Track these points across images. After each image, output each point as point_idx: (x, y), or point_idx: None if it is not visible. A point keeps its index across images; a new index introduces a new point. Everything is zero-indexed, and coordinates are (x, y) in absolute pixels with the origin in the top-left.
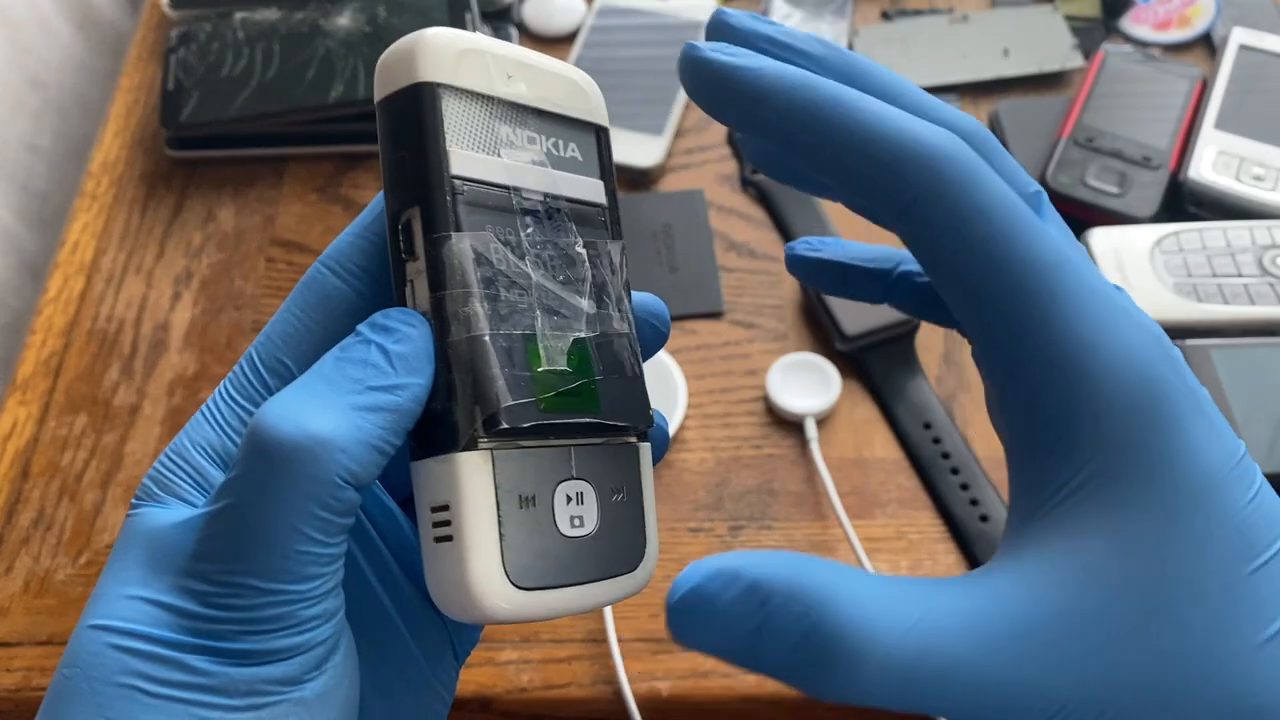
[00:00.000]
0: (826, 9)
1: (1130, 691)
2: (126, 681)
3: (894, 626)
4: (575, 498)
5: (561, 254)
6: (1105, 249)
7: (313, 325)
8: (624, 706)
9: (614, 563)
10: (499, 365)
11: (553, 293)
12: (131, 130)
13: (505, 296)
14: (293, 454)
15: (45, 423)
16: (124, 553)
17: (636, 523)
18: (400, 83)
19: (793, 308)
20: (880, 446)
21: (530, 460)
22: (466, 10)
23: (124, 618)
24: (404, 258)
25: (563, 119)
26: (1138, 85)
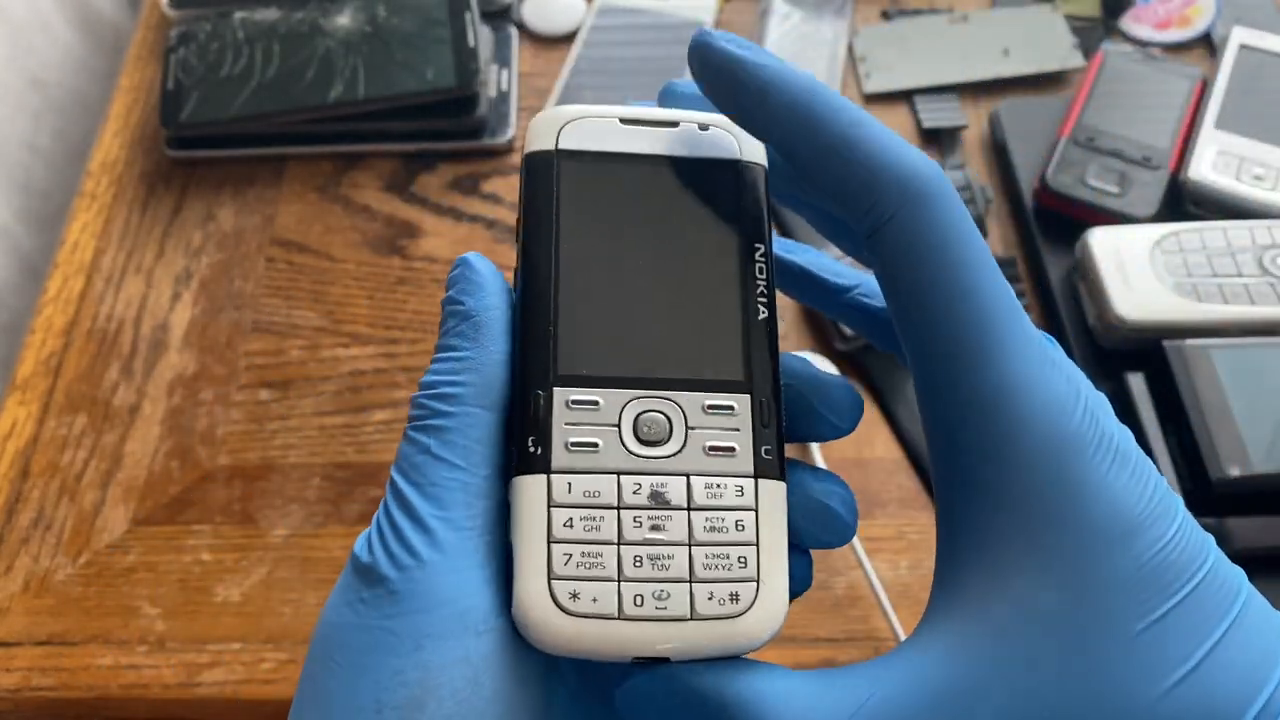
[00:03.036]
0: (826, 9)
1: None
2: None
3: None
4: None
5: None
6: (1105, 249)
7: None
8: None
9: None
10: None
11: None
12: (131, 130)
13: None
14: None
15: (45, 423)
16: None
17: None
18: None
19: (793, 308)
20: (880, 446)
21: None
22: (466, 10)
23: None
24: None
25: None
26: (1138, 85)
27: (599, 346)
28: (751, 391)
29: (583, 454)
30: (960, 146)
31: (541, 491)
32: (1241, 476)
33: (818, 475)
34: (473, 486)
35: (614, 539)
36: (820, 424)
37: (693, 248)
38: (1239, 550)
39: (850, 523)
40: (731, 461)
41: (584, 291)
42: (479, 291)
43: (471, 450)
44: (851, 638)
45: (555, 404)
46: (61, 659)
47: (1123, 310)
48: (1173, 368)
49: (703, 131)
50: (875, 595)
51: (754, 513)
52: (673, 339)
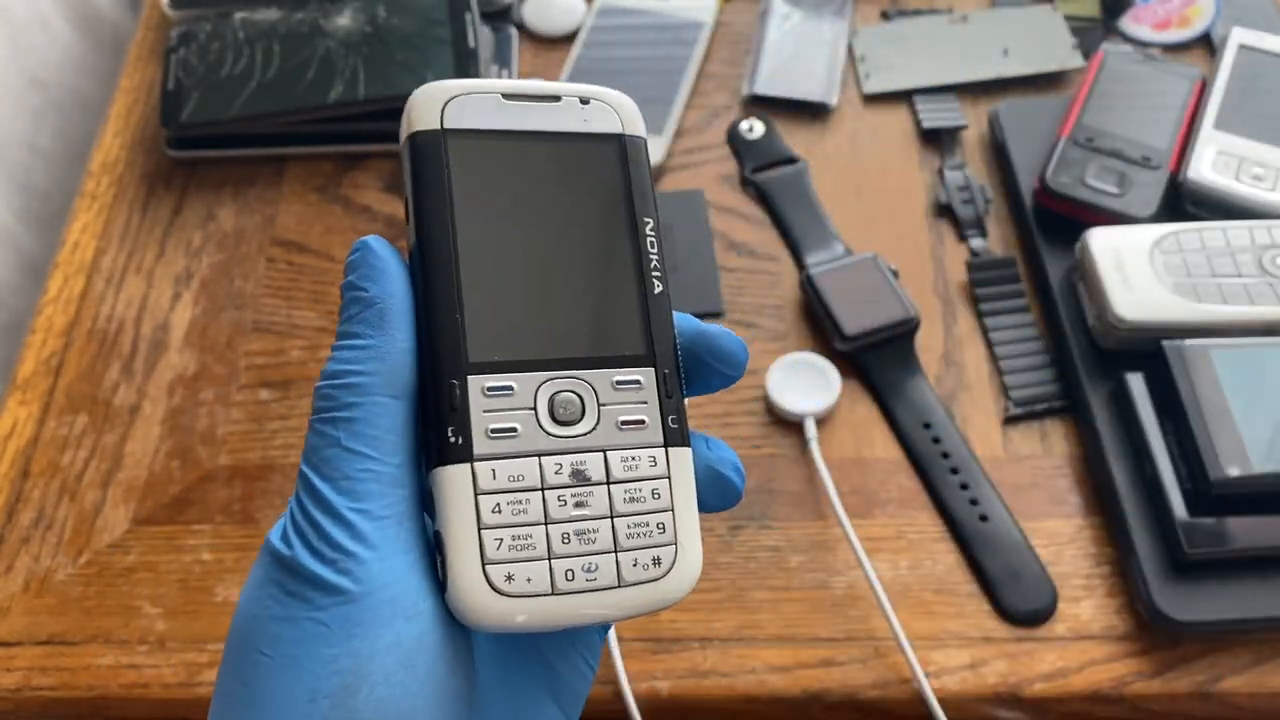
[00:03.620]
0: (826, 9)
1: None
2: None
3: None
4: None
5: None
6: (1104, 249)
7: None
8: (624, 706)
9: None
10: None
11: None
12: (131, 130)
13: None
14: None
15: (45, 422)
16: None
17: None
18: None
19: (792, 307)
20: (880, 446)
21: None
22: (466, 10)
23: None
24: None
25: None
26: (1137, 85)
27: (507, 331)
28: (655, 364)
29: (503, 439)
30: (960, 146)
31: (467, 480)
32: (1241, 476)
33: (709, 443)
34: (386, 476)
35: (541, 519)
36: (712, 375)
37: (585, 225)
38: (1239, 550)
39: (739, 488)
40: (642, 433)
41: (486, 276)
42: (381, 277)
43: (382, 440)
44: (851, 637)
45: (471, 392)
46: (62, 659)
47: (1122, 310)
48: (1172, 368)
49: (584, 105)
50: (875, 595)
51: (667, 480)
52: (576, 318)
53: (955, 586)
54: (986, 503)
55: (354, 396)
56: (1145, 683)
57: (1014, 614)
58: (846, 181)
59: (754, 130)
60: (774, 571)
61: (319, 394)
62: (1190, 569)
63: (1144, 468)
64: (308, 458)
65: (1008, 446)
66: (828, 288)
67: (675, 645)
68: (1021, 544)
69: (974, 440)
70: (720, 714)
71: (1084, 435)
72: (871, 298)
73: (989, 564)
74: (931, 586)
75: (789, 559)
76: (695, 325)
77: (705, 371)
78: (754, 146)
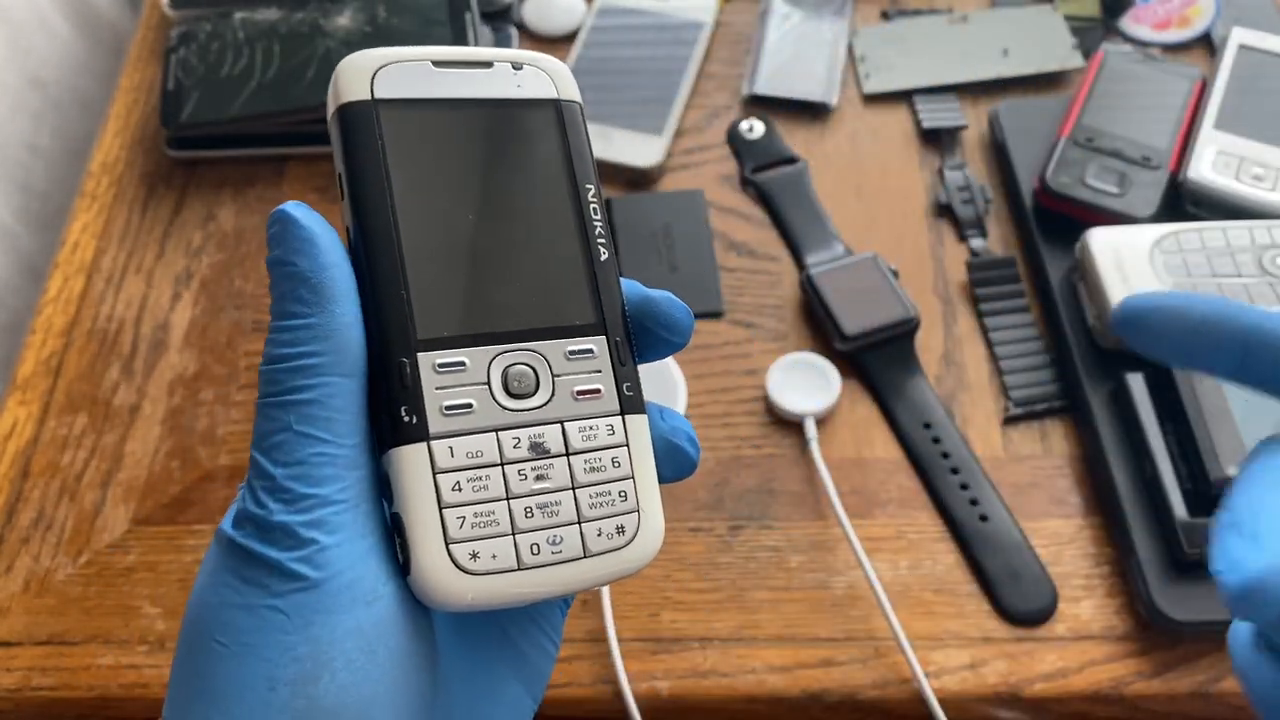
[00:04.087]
0: (826, 9)
1: None
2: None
3: None
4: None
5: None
6: (1104, 249)
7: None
8: (624, 706)
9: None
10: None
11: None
12: (131, 130)
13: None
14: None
15: (45, 423)
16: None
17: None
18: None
19: (792, 307)
20: (880, 446)
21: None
22: (466, 10)
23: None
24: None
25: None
26: (1137, 85)
27: (455, 305)
28: (606, 332)
29: (458, 416)
30: (960, 146)
31: (424, 459)
32: None
33: (664, 414)
34: (341, 459)
35: (503, 495)
36: (658, 343)
37: (526, 194)
38: None
39: (694, 458)
40: (599, 403)
41: (429, 249)
42: (311, 249)
43: (334, 421)
44: (851, 637)
45: (423, 369)
46: (61, 659)
47: None
48: (1172, 368)
49: (517, 71)
50: (875, 595)
51: (626, 448)
52: (524, 289)
53: (955, 586)
54: (986, 503)
55: (303, 379)
56: (1145, 683)
57: (1014, 614)
58: (846, 181)
59: (754, 130)
60: (774, 571)
61: (264, 376)
62: (1190, 569)
63: (1144, 468)
64: (258, 443)
65: (1008, 446)
66: (828, 288)
67: (675, 645)
68: (1021, 544)
69: (974, 440)
70: (720, 714)
71: (1084, 435)
72: (871, 298)
73: (989, 564)
74: (931, 586)
75: (789, 559)
76: (640, 291)
77: (650, 339)
78: (754, 146)
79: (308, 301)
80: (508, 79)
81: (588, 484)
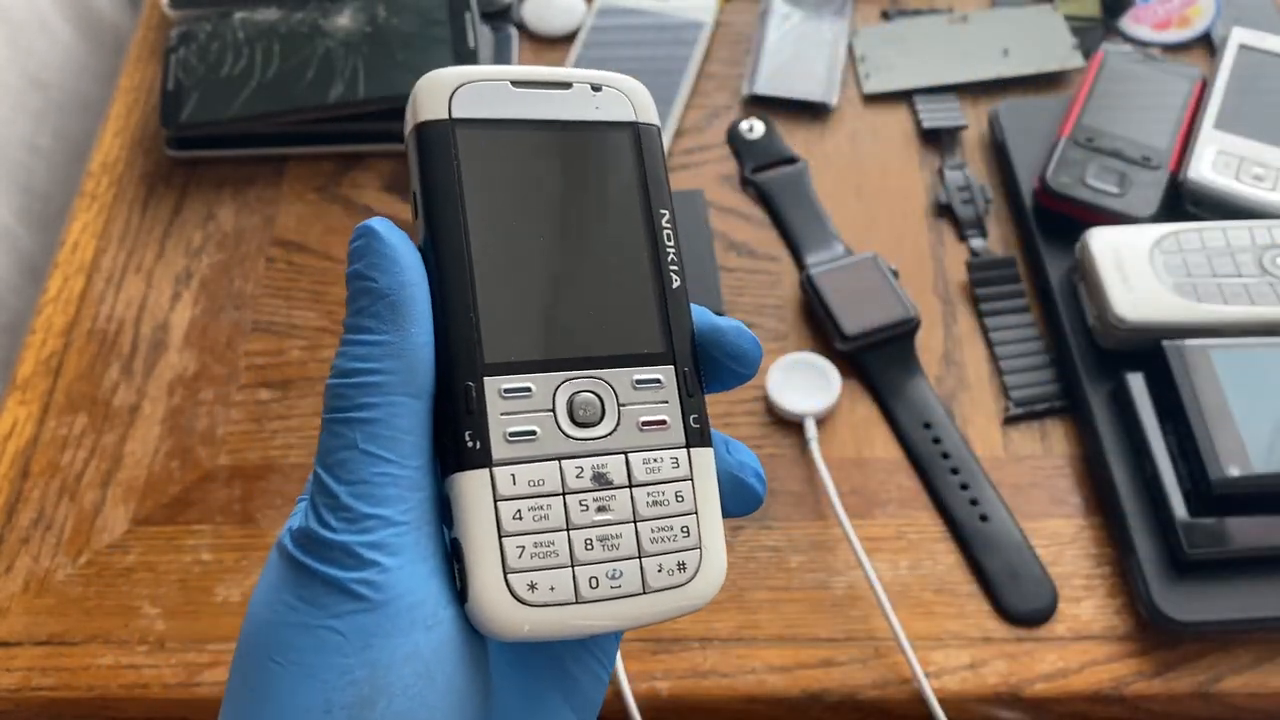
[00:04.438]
0: (826, 9)
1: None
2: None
3: None
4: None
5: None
6: (1104, 249)
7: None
8: (624, 706)
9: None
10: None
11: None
12: (131, 130)
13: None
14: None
15: (45, 423)
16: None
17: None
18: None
19: (793, 307)
20: (880, 446)
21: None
22: (466, 10)
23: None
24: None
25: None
26: (1137, 85)
27: (523, 330)
28: (675, 362)
29: (522, 443)
30: (960, 146)
31: (486, 486)
32: (1241, 476)
33: (730, 447)
34: (404, 480)
35: (563, 525)
36: (724, 374)
37: (600, 218)
38: (1239, 550)
39: (761, 494)
40: (664, 434)
41: (500, 272)
42: (392, 267)
43: (399, 441)
44: (851, 637)
45: (488, 394)
46: (61, 659)
47: (1122, 310)
48: (1172, 368)
49: (596, 92)
50: (875, 595)
51: (690, 482)
52: (593, 316)
53: (955, 586)
54: (987, 503)
55: (371, 396)
56: (1145, 683)
57: (1014, 614)
58: (846, 181)
59: (754, 130)
60: (774, 571)
61: (332, 391)
62: (1190, 569)
63: (1144, 468)
64: (322, 459)
65: (1008, 446)
66: (828, 288)
67: (675, 645)
68: (1022, 544)
69: (974, 440)
70: (720, 714)
71: (1084, 435)
72: (871, 298)
73: (989, 564)
74: (931, 586)
75: (789, 559)
76: (709, 320)
77: (717, 369)
78: (754, 146)
79: (384, 318)
80: (586, 100)
81: (650, 518)
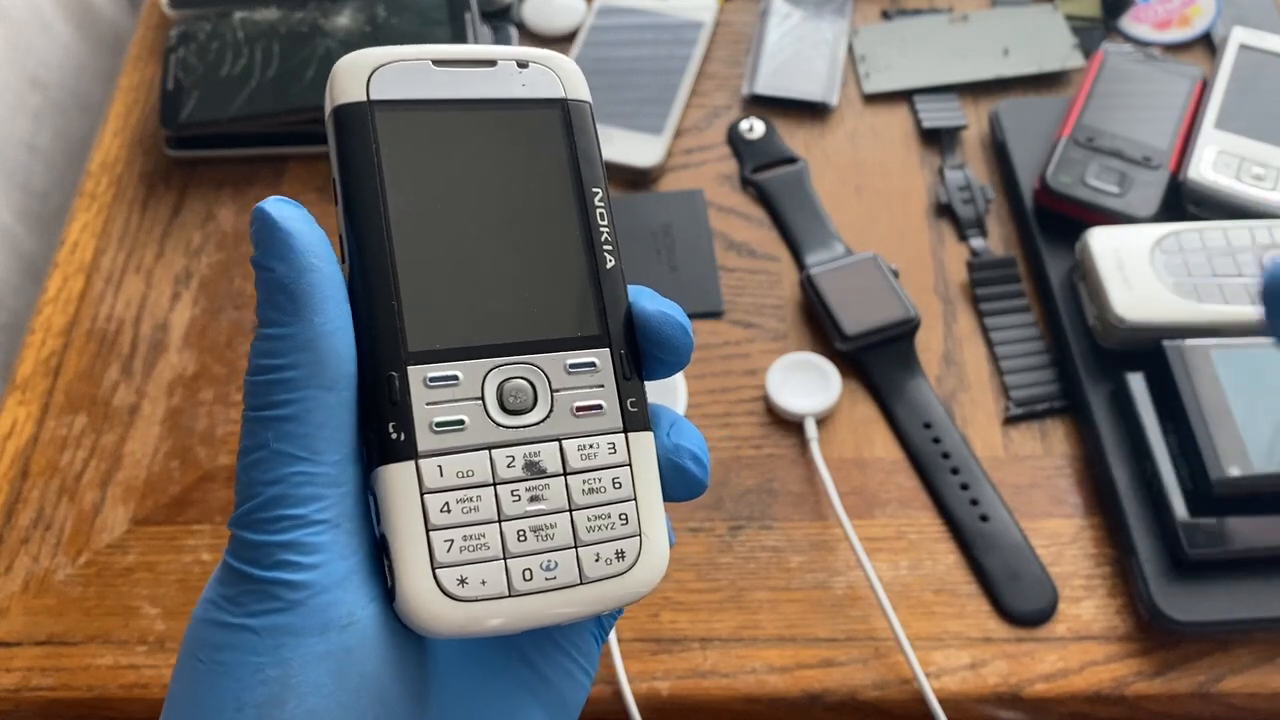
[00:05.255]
0: (826, 8)
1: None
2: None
3: None
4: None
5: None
6: (1105, 249)
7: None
8: (624, 706)
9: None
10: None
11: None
12: (131, 130)
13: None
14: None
15: (45, 423)
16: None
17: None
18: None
19: (792, 307)
20: (880, 446)
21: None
22: (466, 10)
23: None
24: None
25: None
26: (1138, 85)
27: (449, 315)
28: (610, 345)
29: (449, 433)
30: (960, 146)
31: (411, 479)
32: (1241, 476)
33: (671, 430)
34: (321, 477)
35: (494, 517)
36: (652, 363)
37: (529, 198)
38: (1239, 550)
39: (700, 478)
40: (600, 419)
41: (423, 257)
42: (289, 253)
43: (314, 438)
44: (851, 638)
45: (412, 384)
46: (61, 659)
47: (1123, 310)
48: (1173, 368)
49: (522, 69)
50: (875, 595)
51: (628, 468)
52: (523, 298)
53: (955, 587)
54: (987, 503)
55: (280, 393)
56: (1146, 683)
57: (1014, 614)
58: (846, 181)
59: (754, 130)
60: (774, 571)
61: (246, 387)
62: (1191, 569)
63: (1144, 468)
64: (240, 458)
65: (1008, 446)
66: (828, 288)
67: (675, 645)
68: (1022, 544)
69: (974, 440)
70: (720, 714)
71: (1084, 435)
72: (871, 298)
73: (989, 564)
74: (932, 587)
75: (789, 559)
76: (637, 305)
77: (646, 360)
78: (754, 146)
79: (285, 309)
80: (512, 78)
81: (586, 506)
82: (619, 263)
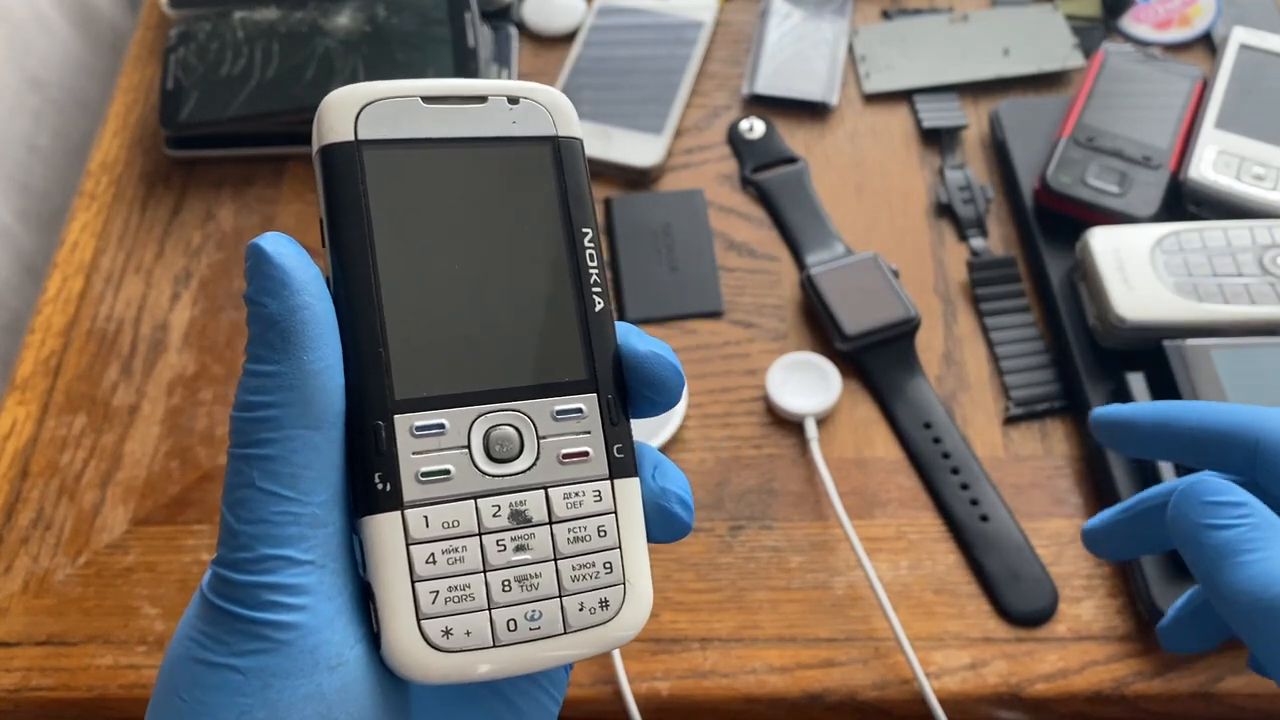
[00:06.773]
0: (826, 8)
1: None
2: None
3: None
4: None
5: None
6: (1105, 249)
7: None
8: (624, 706)
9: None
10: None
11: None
12: (131, 130)
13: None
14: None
15: (44, 423)
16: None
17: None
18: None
19: (792, 307)
20: (880, 446)
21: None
22: (466, 10)
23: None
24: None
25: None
26: (1138, 85)
27: (435, 362)
28: (598, 390)
29: (435, 483)
30: (960, 146)
31: (397, 529)
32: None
33: (657, 473)
34: (306, 518)
35: (479, 567)
36: (641, 403)
37: (517, 240)
38: None
39: (687, 522)
40: (586, 466)
41: (410, 301)
42: (281, 290)
43: (299, 478)
44: (851, 638)
45: (399, 433)
46: (61, 659)
47: (1123, 310)
48: (1173, 368)
49: (513, 105)
50: (875, 595)
51: (614, 515)
52: (510, 343)
53: (956, 587)
54: (987, 503)
55: (266, 432)
56: (1146, 683)
57: (1015, 614)
58: (846, 181)
59: (754, 130)
60: (774, 572)
61: (232, 424)
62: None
63: (1144, 468)
64: (225, 496)
65: (1008, 446)
66: (828, 287)
67: (675, 645)
68: (1022, 544)
69: (974, 440)
70: (720, 714)
71: (1084, 435)
72: (872, 298)
73: (989, 564)
74: (932, 587)
75: (789, 559)
76: (629, 346)
77: (632, 398)
78: (754, 146)
79: (276, 347)
80: (502, 115)
81: (571, 555)
82: (608, 304)
